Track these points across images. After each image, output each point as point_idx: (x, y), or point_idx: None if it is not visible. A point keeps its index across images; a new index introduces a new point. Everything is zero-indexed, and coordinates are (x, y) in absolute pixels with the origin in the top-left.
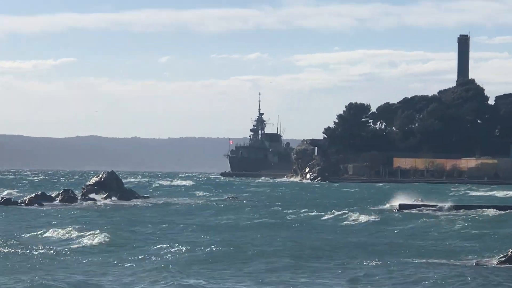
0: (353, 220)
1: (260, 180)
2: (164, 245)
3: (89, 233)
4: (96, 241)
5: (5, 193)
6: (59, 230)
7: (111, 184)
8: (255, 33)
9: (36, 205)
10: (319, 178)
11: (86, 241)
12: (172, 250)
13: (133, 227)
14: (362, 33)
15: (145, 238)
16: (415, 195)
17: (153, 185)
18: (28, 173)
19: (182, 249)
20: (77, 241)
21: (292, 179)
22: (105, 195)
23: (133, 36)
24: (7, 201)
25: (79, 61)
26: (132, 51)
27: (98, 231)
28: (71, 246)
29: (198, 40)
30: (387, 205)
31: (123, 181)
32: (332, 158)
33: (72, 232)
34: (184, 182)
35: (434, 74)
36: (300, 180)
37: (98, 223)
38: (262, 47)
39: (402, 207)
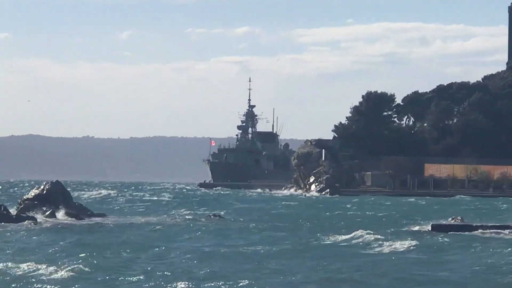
0: (389, 246)
1: (251, 193)
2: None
3: (53, 266)
4: (66, 275)
5: None
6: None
7: (56, 198)
8: (245, 0)
9: None
10: (327, 190)
11: (54, 275)
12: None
13: (103, 253)
14: (383, 1)
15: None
16: (455, 212)
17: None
18: None
19: None
20: (39, 277)
21: (291, 191)
22: (48, 212)
23: (86, 5)
24: None
25: (13, 37)
26: (82, 25)
27: (65, 261)
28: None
29: (170, 10)
30: (417, 227)
31: (71, 194)
32: (345, 164)
33: (30, 266)
34: (152, 197)
35: (477, 54)
36: (303, 193)
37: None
38: (253, 19)
39: (436, 228)
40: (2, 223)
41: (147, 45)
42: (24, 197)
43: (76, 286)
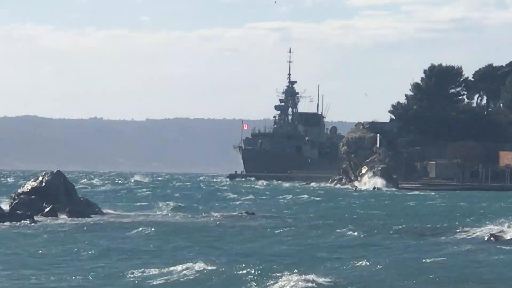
0: None
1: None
2: None
3: None
4: None
5: None
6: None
7: (57, 191)
8: None
9: None
10: (384, 182)
11: None
12: None
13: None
14: None
15: None
16: None
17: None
18: None
19: None
20: None
21: (338, 185)
22: (48, 209)
23: None
24: None
25: (11, 1)
26: None
27: None
28: None
29: None
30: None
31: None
32: (404, 152)
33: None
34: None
35: None
36: (354, 187)
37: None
38: None
39: None
40: None
41: (168, 9)
42: (19, 191)
43: None
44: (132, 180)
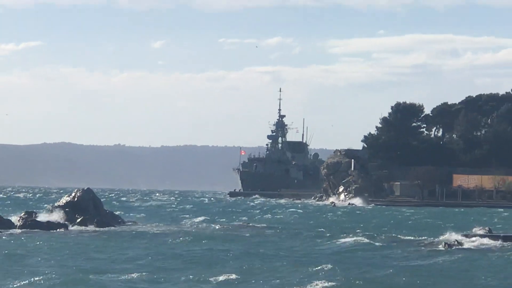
0: None
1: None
2: None
3: None
4: None
5: None
6: None
7: (87, 205)
8: (277, 11)
9: None
10: (358, 200)
11: None
12: None
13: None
14: (415, 13)
15: None
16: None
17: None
18: None
19: None
20: None
21: (321, 202)
22: (79, 219)
23: (118, 13)
24: None
25: (48, 45)
26: (116, 33)
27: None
28: None
29: (203, 19)
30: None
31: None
32: (374, 174)
33: None
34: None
35: (507, 66)
36: (332, 203)
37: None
38: (285, 29)
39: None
40: (35, 230)
41: (180, 55)
42: (55, 204)
43: None
44: (154, 198)
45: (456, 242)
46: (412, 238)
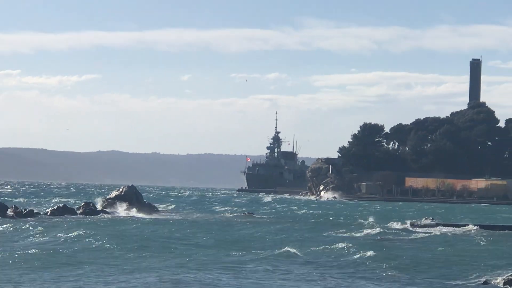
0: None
1: (279, 197)
2: None
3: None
4: None
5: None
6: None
7: (131, 197)
8: (275, 54)
9: (63, 216)
10: (334, 195)
11: None
12: None
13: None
14: (379, 55)
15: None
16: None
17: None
18: (52, 185)
19: None
20: None
21: (307, 197)
22: (125, 208)
23: (156, 54)
24: (30, 213)
25: (103, 77)
26: (154, 68)
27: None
28: None
29: (219, 59)
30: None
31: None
32: (346, 176)
33: None
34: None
35: (447, 96)
36: (316, 198)
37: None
38: (281, 67)
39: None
40: (92, 216)
41: (202, 85)
42: (107, 197)
43: None
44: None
45: (409, 227)
46: (376, 224)
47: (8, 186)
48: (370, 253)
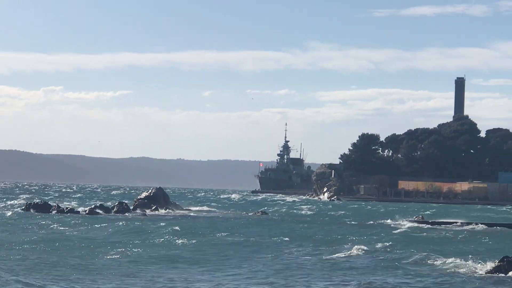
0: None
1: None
2: None
3: None
4: None
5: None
6: None
7: (159, 198)
8: (285, 72)
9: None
10: (335, 196)
11: None
12: None
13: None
14: (376, 74)
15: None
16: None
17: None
18: (87, 187)
19: None
20: None
21: (312, 198)
22: (153, 207)
23: (181, 73)
24: (71, 211)
25: (135, 93)
26: (179, 85)
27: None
28: None
29: (236, 77)
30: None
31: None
32: (347, 180)
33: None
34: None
35: (435, 110)
36: (319, 198)
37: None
38: (290, 84)
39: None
40: (124, 214)
41: (221, 100)
42: (138, 197)
43: None
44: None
45: (400, 224)
46: (372, 222)
47: (52, 189)
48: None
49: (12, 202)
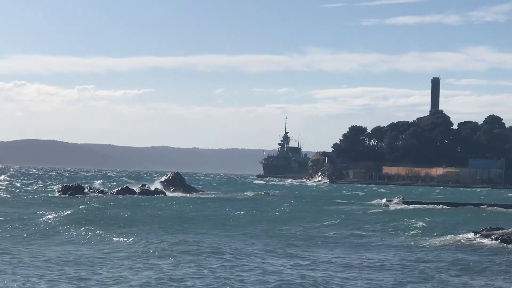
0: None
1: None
2: None
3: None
4: None
5: (96, 184)
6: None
7: (176, 181)
8: (286, 73)
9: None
10: (328, 180)
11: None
12: None
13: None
14: (363, 75)
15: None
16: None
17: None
18: (112, 173)
19: None
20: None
21: (308, 181)
22: (172, 189)
23: (197, 73)
24: (101, 192)
25: (157, 91)
26: (195, 84)
27: None
28: None
29: (244, 77)
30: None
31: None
32: (338, 166)
33: None
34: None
35: (414, 106)
36: (316, 182)
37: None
38: (290, 83)
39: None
40: (147, 196)
41: (230, 97)
42: (159, 180)
43: None
44: (217, 177)
45: (384, 205)
46: (362, 201)
47: (86, 173)
48: None
49: (55, 186)
